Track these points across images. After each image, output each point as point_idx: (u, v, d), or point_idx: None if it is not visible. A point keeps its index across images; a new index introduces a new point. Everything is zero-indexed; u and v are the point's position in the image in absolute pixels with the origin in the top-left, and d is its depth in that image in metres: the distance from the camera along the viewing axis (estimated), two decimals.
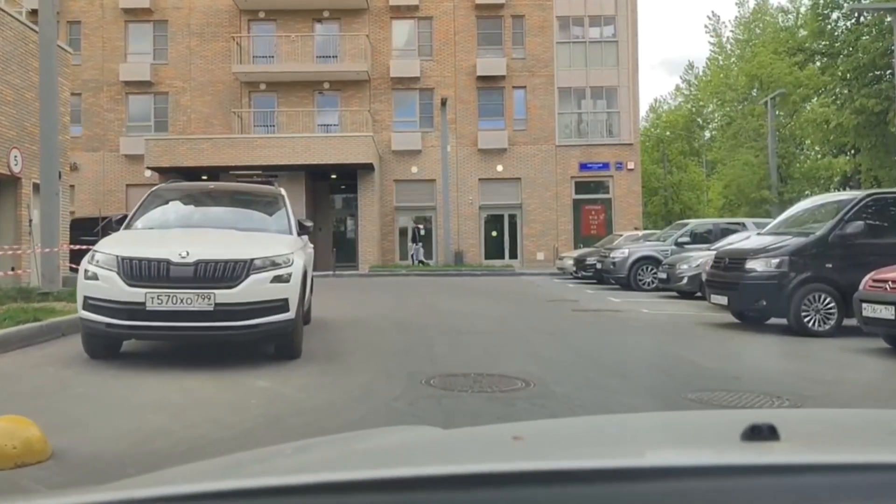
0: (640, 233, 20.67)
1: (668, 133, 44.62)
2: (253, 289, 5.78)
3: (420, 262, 26.08)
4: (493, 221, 29.03)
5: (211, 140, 25.68)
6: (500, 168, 28.53)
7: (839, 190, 29.66)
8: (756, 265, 8.84)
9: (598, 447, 1.13)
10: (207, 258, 5.76)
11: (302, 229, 7.24)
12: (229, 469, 1.10)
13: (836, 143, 28.87)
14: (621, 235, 20.62)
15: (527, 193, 28.57)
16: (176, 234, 6.56)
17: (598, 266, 16.40)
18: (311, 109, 28.68)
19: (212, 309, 5.64)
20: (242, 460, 1.19)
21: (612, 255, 15.96)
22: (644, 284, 15.56)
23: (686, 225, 16.26)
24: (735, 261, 9.25)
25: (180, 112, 28.77)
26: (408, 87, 28.76)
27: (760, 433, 0.93)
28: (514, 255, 28.65)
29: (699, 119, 46.40)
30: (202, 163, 24.98)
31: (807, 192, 26.31)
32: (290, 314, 6.00)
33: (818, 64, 30.36)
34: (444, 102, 26.38)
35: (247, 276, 5.79)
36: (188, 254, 5.74)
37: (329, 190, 29.02)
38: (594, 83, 29.25)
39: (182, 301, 5.60)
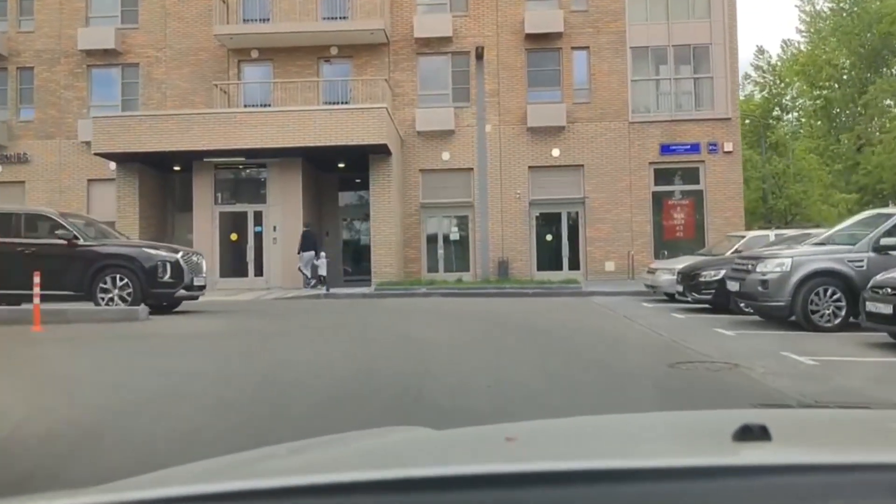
0: (772, 233, 13.73)
1: (746, 122, 38.23)
2: None
3: (321, 279, 18.10)
4: (548, 222, 22.36)
5: (177, 117, 19.68)
6: (556, 152, 21.97)
7: None
8: None
9: (589, 448, 1.11)
10: None
11: None
12: (224, 471, 1.08)
13: None
14: (743, 238, 13.72)
15: (591, 185, 21.89)
16: None
17: (738, 287, 9.53)
18: (314, 80, 22.52)
19: None
20: (237, 462, 1.16)
21: (758, 269, 9.16)
22: (822, 319, 8.76)
23: (889, 217, 9.35)
24: None
25: (153, 87, 22.94)
26: (437, 51, 22.36)
27: (752, 434, 0.93)
28: (574, 266, 21.92)
29: (778, 107, 39.79)
30: (168, 147, 19.08)
31: None
32: None
33: None
34: (479, 55, 19.83)
35: None
36: None
37: (338, 184, 22.86)
38: (678, 41, 22.44)
39: None
